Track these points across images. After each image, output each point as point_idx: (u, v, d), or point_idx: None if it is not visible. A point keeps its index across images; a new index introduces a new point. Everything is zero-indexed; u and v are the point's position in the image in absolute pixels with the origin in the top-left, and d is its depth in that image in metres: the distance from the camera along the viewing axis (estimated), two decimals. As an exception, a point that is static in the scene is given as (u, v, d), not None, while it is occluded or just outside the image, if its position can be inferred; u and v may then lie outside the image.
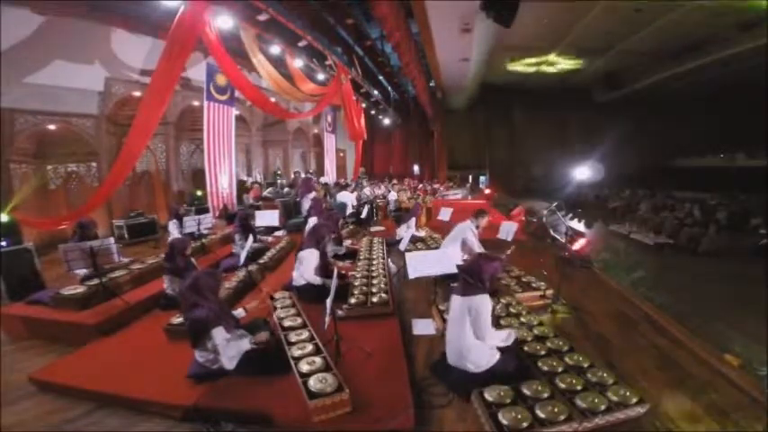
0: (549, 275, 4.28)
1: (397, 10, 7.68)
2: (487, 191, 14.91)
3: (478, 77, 15.51)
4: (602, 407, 2.03)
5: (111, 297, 3.74)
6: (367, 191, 11.31)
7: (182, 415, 2.25)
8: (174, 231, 5.71)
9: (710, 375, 2.53)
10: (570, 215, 11.24)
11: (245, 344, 2.50)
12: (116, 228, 6.91)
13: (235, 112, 8.79)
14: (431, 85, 15.76)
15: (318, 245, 3.92)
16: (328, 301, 2.55)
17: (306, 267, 3.73)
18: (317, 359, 2.41)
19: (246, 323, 2.92)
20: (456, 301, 2.49)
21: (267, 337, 2.60)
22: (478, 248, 4.55)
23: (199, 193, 8.94)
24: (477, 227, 4.60)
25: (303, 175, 11.99)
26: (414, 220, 6.14)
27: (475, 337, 2.37)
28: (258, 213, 6.68)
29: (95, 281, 3.83)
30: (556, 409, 1.99)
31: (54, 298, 3.62)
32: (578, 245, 4.89)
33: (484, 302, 2.37)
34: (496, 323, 2.73)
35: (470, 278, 2.45)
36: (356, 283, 3.84)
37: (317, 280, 3.70)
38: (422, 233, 6.28)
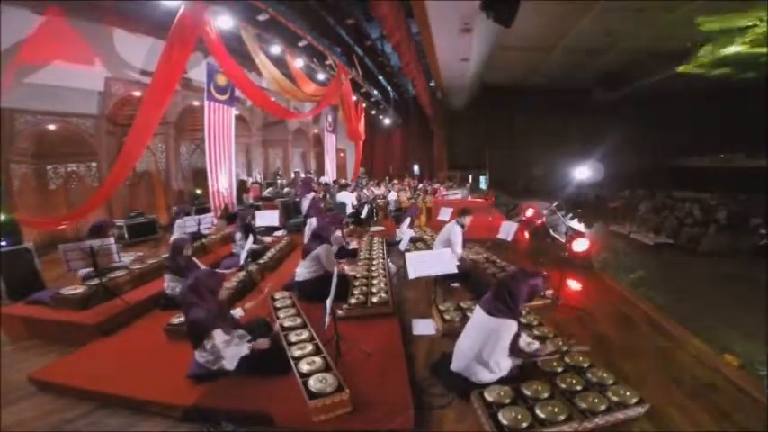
0: (549, 275, 4.28)
1: (397, 10, 7.67)
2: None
3: (478, 77, 15.50)
4: (602, 407, 2.03)
5: (111, 297, 3.74)
6: (366, 191, 11.32)
7: (182, 415, 2.25)
8: (178, 231, 5.69)
9: (710, 375, 2.53)
10: (570, 215, 11.23)
11: (244, 349, 2.49)
12: (116, 228, 6.90)
13: (235, 112, 8.79)
14: (431, 85, 15.75)
15: (326, 241, 3.96)
16: (328, 301, 2.55)
17: (328, 262, 3.80)
18: (317, 359, 2.41)
19: (247, 323, 2.93)
20: (480, 316, 2.30)
21: (267, 345, 2.57)
22: (459, 248, 4.62)
23: (198, 191, 8.93)
24: (463, 226, 4.69)
25: (303, 175, 11.99)
26: (408, 220, 6.17)
27: (482, 353, 2.22)
28: (258, 213, 6.67)
29: (95, 281, 3.84)
30: (556, 409, 1.99)
31: (54, 298, 3.62)
32: (581, 247, 4.88)
33: (508, 328, 2.20)
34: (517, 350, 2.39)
35: (503, 296, 2.23)
36: (356, 283, 3.85)
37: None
38: (415, 233, 6.28)
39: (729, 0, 9.41)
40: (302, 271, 3.86)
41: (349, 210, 8.25)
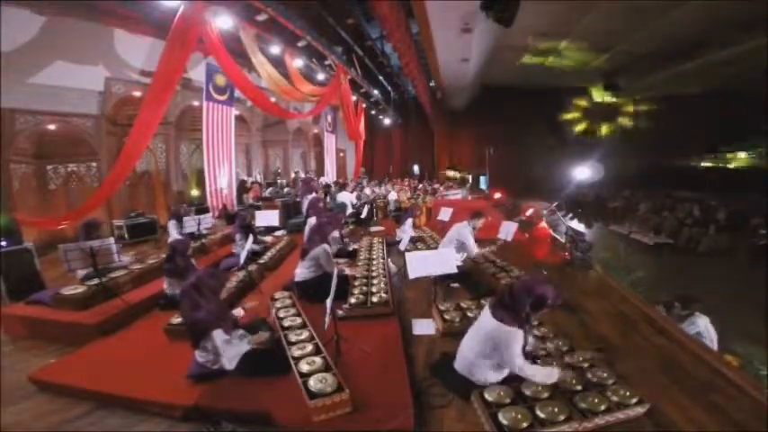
0: (549, 275, 4.29)
1: (397, 10, 7.67)
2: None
3: (478, 77, 15.49)
4: (602, 407, 2.03)
5: (112, 297, 3.74)
6: (367, 191, 11.32)
7: (182, 415, 2.25)
8: (173, 232, 5.70)
9: (710, 375, 2.53)
10: (570, 215, 11.23)
11: (245, 346, 2.50)
12: (116, 228, 6.90)
13: (235, 112, 8.79)
14: (431, 85, 15.75)
15: (324, 242, 3.95)
16: (328, 301, 2.55)
17: (326, 263, 3.79)
18: (317, 359, 2.41)
19: (246, 323, 2.93)
20: (485, 317, 2.28)
21: (266, 338, 2.58)
22: (475, 250, 4.58)
23: (194, 192, 8.90)
24: (474, 228, 4.64)
25: (303, 175, 11.99)
26: (411, 220, 6.16)
27: (501, 365, 2.19)
28: (258, 213, 6.68)
29: (95, 281, 3.84)
30: (556, 409, 1.99)
31: (54, 298, 3.62)
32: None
33: (513, 337, 2.12)
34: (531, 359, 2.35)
35: (506, 301, 2.19)
36: (356, 283, 3.85)
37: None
38: (415, 234, 6.28)
39: (728, 0, 9.41)
40: (301, 272, 3.86)
41: (349, 210, 8.25)
